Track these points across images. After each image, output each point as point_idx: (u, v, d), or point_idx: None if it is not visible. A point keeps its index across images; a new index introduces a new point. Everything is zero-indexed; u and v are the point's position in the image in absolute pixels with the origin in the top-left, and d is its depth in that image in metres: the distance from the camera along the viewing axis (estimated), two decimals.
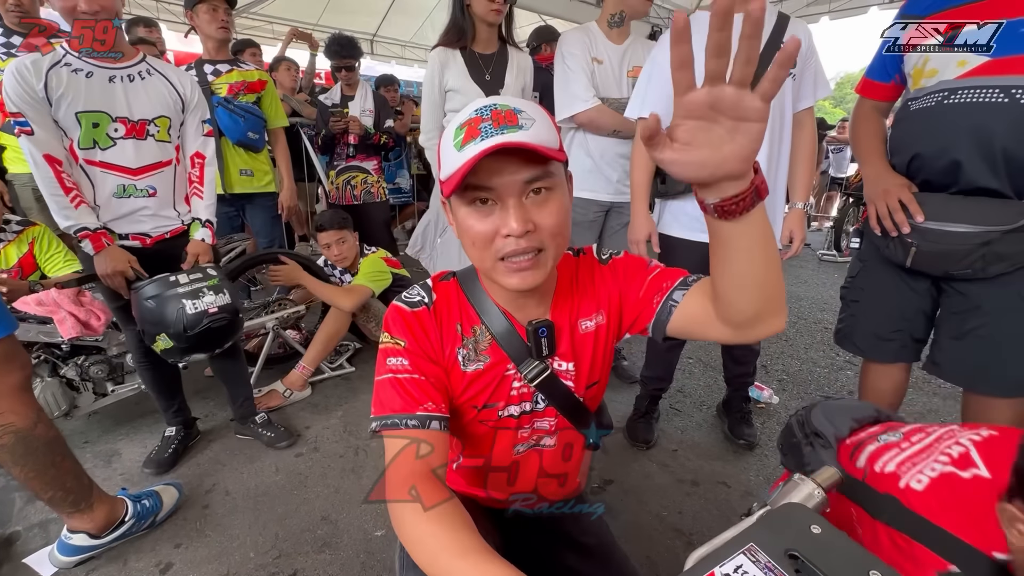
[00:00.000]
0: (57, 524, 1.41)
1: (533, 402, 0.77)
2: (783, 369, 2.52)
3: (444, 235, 1.93)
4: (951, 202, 1.14)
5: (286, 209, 2.48)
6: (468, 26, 1.77)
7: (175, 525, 1.48)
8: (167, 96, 1.51)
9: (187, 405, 1.86)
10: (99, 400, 1.87)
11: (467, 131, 0.59)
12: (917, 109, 1.18)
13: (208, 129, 1.65)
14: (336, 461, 1.77)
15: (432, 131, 1.91)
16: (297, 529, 1.47)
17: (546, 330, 0.73)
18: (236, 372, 1.88)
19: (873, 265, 1.35)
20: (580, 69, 1.74)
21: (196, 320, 1.49)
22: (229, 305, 1.57)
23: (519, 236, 0.60)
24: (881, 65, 1.30)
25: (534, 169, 0.59)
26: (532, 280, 0.63)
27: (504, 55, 1.88)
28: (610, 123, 1.75)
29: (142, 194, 1.51)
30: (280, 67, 3.51)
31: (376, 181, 2.93)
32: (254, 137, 2.29)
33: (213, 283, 1.55)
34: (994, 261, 1.10)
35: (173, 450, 1.75)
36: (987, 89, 1.06)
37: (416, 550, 0.57)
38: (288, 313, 2.38)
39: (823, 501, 0.75)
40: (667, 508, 1.54)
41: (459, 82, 1.80)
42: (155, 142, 1.51)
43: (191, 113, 1.59)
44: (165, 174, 1.55)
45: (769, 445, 1.84)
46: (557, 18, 5.60)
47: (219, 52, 2.23)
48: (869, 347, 1.39)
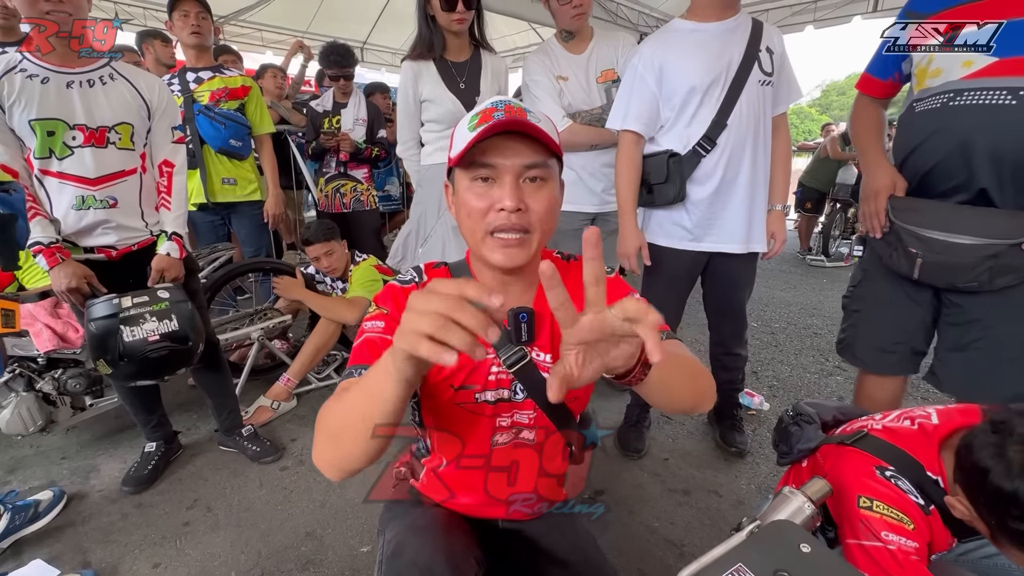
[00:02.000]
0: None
1: (511, 391, 0.78)
2: (773, 375, 2.52)
3: (425, 245, 1.89)
4: (958, 212, 1.11)
5: (271, 217, 2.43)
6: (437, 38, 1.74)
7: (153, 544, 1.43)
8: (130, 101, 1.43)
9: (167, 419, 1.81)
10: (77, 414, 1.82)
11: (481, 116, 0.67)
12: (923, 111, 1.16)
13: (178, 136, 1.57)
14: (321, 474, 1.72)
15: (409, 141, 1.89)
16: (281, 546, 1.43)
17: (527, 316, 0.73)
18: (219, 384, 1.84)
19: (875, 275, 1.34)
20: (545, 94, 1.74)
21: (133, 349, 1.39)
22: (176, 333, 1.45)
23: (511, 211, 0.66)
24: (881, 62, 1.29)
25: (535, 157, 0.67)
26: (517, 257, 0.68)
27: (477, 61, 1.85)
28: (586, 139, 1.75)
29: (101, 205, 1.42)
30: (266, 74, 3.48)
31: (366, 189, 2.91)
32: (236, 144, 2.25)
33: (159, 307, 1.44)
34: (1001, 274, 1.08)
35: (153, 466, 1.70)
36: (994, 91, 1.03)
37: (326, 421, 0.59)
38: (274, 323, 2.34)
39: (813, 514, 0.74)
40: (659, 519, 1.53)
41: (434, 92, 1.78)
42: (116, 150, 1.42)
43: (159, 119, 1.51)
44: (128, 183, 1.47)
45: (760, 452, 1.83)
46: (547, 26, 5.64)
47: (200, 59, 2.20)
48: (870, 359, 1.37)
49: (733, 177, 1.49)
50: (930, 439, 0.85)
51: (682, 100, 1.46)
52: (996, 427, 0.73)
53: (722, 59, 1.42)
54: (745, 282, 1.70)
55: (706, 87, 1.42)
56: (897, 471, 0.82)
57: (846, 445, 0.90)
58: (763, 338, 3.02)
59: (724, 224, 1.54)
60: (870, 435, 0.90)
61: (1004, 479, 0.68)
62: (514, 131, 0.65)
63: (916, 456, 0.83)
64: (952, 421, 0.86)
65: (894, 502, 0.77)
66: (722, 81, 1.43)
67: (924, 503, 0.79)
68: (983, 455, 0.71)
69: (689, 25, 1.47)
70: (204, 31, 2.13)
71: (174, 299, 1.48)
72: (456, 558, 0.72)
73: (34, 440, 1.91)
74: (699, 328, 2.74)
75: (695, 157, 1.48)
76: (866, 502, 0.78)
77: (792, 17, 5.67)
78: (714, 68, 1.42)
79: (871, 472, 0.82)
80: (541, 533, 0.90)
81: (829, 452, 0.94)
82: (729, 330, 1.78)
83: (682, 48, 1.45)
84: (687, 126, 1.48)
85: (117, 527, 1.50)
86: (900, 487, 0.79)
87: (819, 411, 1.09)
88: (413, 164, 1.93)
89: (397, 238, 2.02)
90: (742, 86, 1.43)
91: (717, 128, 1.45)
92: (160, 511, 1.57)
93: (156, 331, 1.42)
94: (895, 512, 0.76)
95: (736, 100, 1.43)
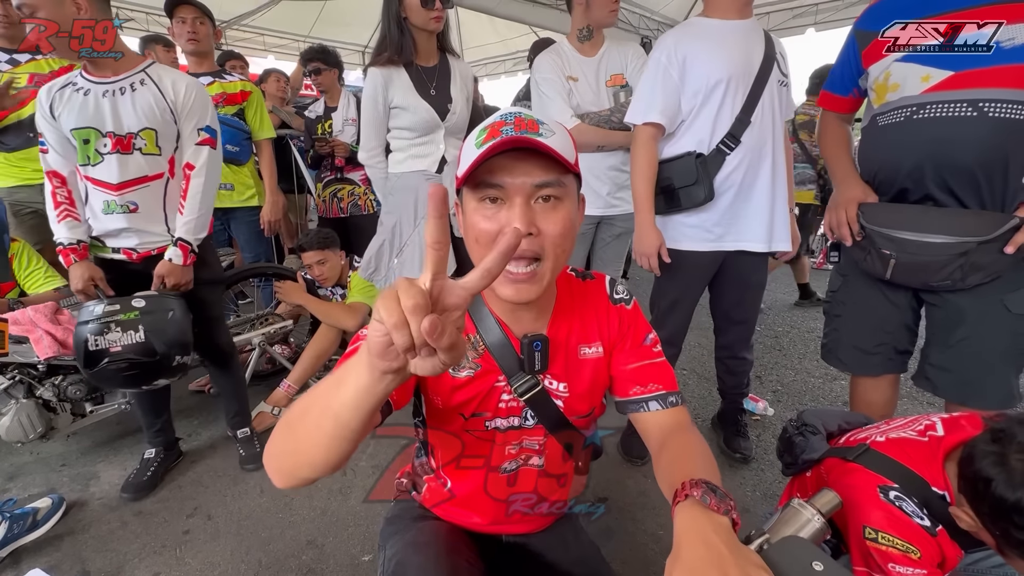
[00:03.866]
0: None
1: (522, 418, 0.76)
2: (778, 380, 2.51)
3: (400, 256, 1.82)
4: (928, 213, 1.15)
5: (267, 224, 2.41)
6: (407, 41, 1.67)
7: (153, 553, 1.42)
8: (154, 106, 1.45)
9: (171, 425, 1.80)
10: (78, 421, 1.81)
11: (489, 131, 0.61)
12: (886, 124, 1.19)
13: (204, 137, 1.54)
14: (323, 481, 1.72)
15: (375, 149, 1.81)
16: (281, 555, 1.41)
17: (540, 344, 0.71)
18: (230, 386, 1.84)
19: (853, 279, 1.36)
20: (555, 93, 1.73)
21: (95, 358, 1.37)
22: (140, 346, 1.40)
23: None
24: (840, 78, 1.33)
25: (546, 175, 0.61)
26: (527, 294, 0.63)
27: (446, 66, 1.79)
28: (593, 140, 1.73)
29: (123, 210, 1.46)
30: (270, 78, 3.49)
31: (363, 193, 2.89)
32: (233, 150, 2.25)
33: (129, 317, 1.39)
34: (972, 272, 1.11)
35: (152, 472, 1.69)
36: (955, 104, 1.07)
37: (288, 411, 0.55)
38: (275, 328, 2.33)
39: (823, 528, 0.72)
40: (663, 527, 1.51)
41: (406, 99, 1.71)
42: (142, 156, 1.45)
43: (185, 120, 1.50)
44: (151, 189, 1.49)
45: (765, 459, 1.81)
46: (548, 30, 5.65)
47: (201, 65, 2.20)
48: (853, 362, 1.39)
49: (755, 175, 1.49)
50: (934, 452, 0.83)
51: (706, 94, 1.44)
52: (997, 436, 0.72)
53: (745, 55, 1.43)
54: (760, 283, 1.69)
55: (731, 81, 1.42)
56: (902, 490, 0.80)
57: (849, 461, 0.89)
58: (767, 342, 3.00)
59: (747, 222, 1.53)
60: (872, 450, 0.88)
61: (1007, 488, 0.68)
62: (524, 147, 0.59)
63: (920, 472, 0.82)
64: (957, 432, 0.84)
65: (899, 531, 0.76)
66: (746, 77, 1.43)
67: (930, 524, 0.77)
68: (985, 465, 0.71)
69: (711, 21, 1.47)
70: (201, 36, 2.13)
71: (149, 309, 1.44)
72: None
73: (34, 447, 1.90)
74: (700, 332, 2.73)
75: (719, 156, 1.47)
76: (871, 533, 0.77)
77: (793, 20, 5.68)
78: (738, 62, 1.42)
79: (875, 495, 0.80)
80: (545, 547, 0.88)
81: (833, 467, 0.93)
82: (738, 334, 1.76)
83: (707, 41, 1.44)
84: (711, 122, 1.46)
85: (117, 535, 1.48)
86: (905, 510, 0.78)
87: (824, 421, 1.08)
88: (379, 172, 1.84)
89: (368, 248, 1.88)
90: (764, 83, 1.44)
91: (741, 125, 1.45)
92: (160, 519, 1.55)
93: (119, 342, 1.38)
94: (900, 542, 0.75)
95: (759, 97, 1.44)
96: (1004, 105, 1.03)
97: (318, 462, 0.50)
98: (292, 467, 0.52)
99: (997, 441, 0.71)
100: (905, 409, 2.15)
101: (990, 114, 1.04)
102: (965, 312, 1.17)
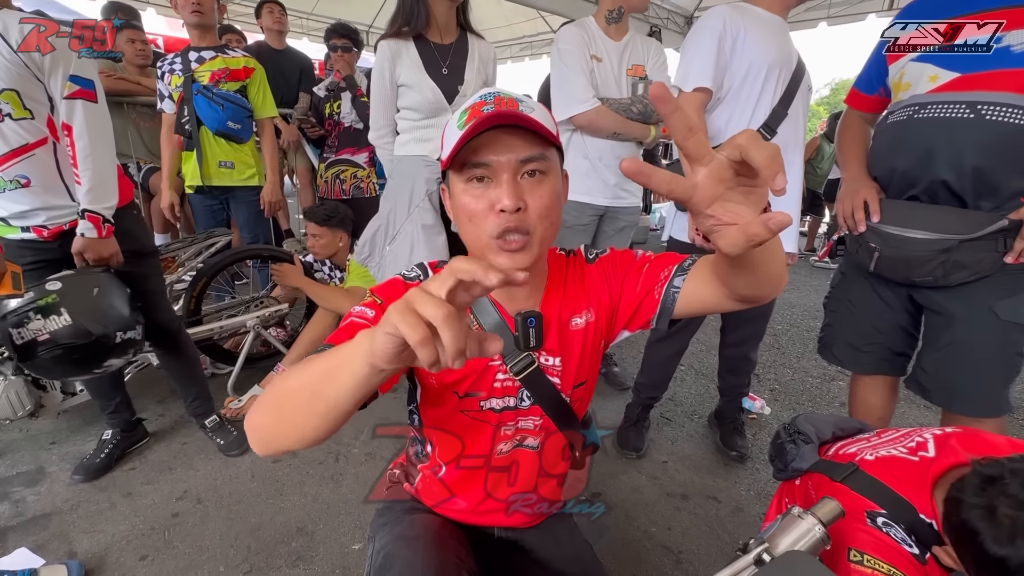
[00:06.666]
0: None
1: (518, 398, 0.76)
2: (775, 378, 2.49)
3: (393, 243, 1.75)
4: (914, 209, 1.16)
5: (267, 205, 2.37)
6: (422, 9, 1.55)
7: (141, 535, 1.41)
8: (6, 62, 1.20)
9: (128, 405, 1.73)
10: (67, 399, 1.78)
11: (471, 112, 0.63)
12: (893, 121, 1.21)
13: (74, 89, 1.28)
14: (315, 468, 1.71)
15: (383, 128, 1.73)
16: (271, 541, 1.40)
17: (535, 320, 0.69)
18: (180, 368, 1.75)
19: (851, 276, 1.38)
20: (578, 68, 1.66)
21: (28, 351, 1.26)
22: (70, 328, 1.28)
23: (511, 212, 0.61)
24: (867, 77, 1.34)
25: (531, 150, 0.62)
26: (521, 261, 0.64)
27: (464, 45, 1.67)
28: (610, 125, 1.69)
29: (14, 186, 1.28)
30: (263, 11, 3.15)
31: (367, 175, 2.85)
32: (235, 127, 2.19)
33: (46, 302, 1.26)
34: (955, 269, 1.12)
35: (107, 455, 1.65)
36: (954, 105, 1.08)
37: (275, 385, 0.53)
38: (271, 311, 2.30)
39: (824, 539, 0.70)
40: (656, 524, 1.50)
41: (412, 76, 1.59)
42: (13, 122, 1.25)
43: (49, 72, 1.25)
44: (38, 157, 1.30)
45: (760, 458, 1.80)
46: (555, 14, 5.53)
47: (203, 39, 2.13)
48: (846, 358, 1.40)
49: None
50: (923, 477, 0.80)
51: (754, 75, 1.40)
52: (986, 483, 0.68)
53: (789, 50, 1.43)
54: None
55: (779, 69, 1.40)
56: (889, 516, 0.78)
57: (836, 482, 0.86)
58: (765, 340, 2.95)
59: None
60: (860, 471, 0.86)
61: (993, 544, 0.64)
62: (507, 124, 0.60)
63: (909, 497, 0.79)
64: (948, 456, 0.81)
65: (886, 556, 0.73)
66: (787, 70, 1.42)
67: (919, 552, 0.75)
68: (972, 516, 0.67)
69: (759, 10, 1.44)
70: (206, 9, 2.06)
71: (67, 290, 1.32)
72: (448, 572, 0.69)
73: (23, 424, 1.88)
74: (701, 327, 2.71)
75: None
76: (856, 555, 0.74)
77: (806, 13, 5.58)
78: (784, 54, 1.41)
79: (861, 519, 0.78)
80: (538, 543, 0.87)
81: (821, 485, 0.90)
82: (749, 332, 1.74)
83: (760, 24, 1.42)
84: (751, 107, 1.43)
85: (105, 516, 1.47)
86: (892, 536, 0.75)
87: (818, 428, 1.06)
88: (386, 153, 1.77)
89: (364, 232, 1.83)
90: (801, 79, 1.44)
91: (777, 117, 1.43)
92: (149, 501, 1.54)
93: (44, 329, 1.26)
94: (886, 566, 0.72)
95: (796, 91, 1.43)
96: (1003, 109, 1.03)
97: (307, 437, 0.51)
98: (275, 439, 0.53)
99: (985, 490, 0.67)
100: (903, 412, 2.14)
101: (987, 117, 1.04)
102: (954, 316, 1.17)
